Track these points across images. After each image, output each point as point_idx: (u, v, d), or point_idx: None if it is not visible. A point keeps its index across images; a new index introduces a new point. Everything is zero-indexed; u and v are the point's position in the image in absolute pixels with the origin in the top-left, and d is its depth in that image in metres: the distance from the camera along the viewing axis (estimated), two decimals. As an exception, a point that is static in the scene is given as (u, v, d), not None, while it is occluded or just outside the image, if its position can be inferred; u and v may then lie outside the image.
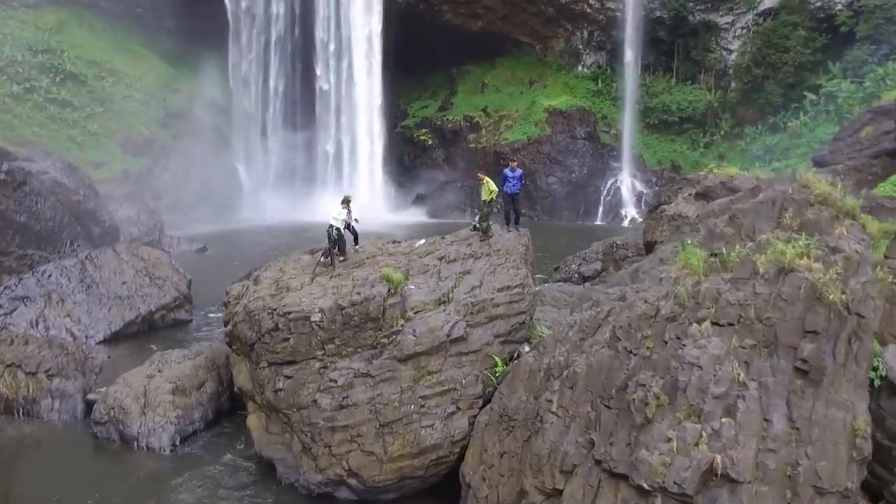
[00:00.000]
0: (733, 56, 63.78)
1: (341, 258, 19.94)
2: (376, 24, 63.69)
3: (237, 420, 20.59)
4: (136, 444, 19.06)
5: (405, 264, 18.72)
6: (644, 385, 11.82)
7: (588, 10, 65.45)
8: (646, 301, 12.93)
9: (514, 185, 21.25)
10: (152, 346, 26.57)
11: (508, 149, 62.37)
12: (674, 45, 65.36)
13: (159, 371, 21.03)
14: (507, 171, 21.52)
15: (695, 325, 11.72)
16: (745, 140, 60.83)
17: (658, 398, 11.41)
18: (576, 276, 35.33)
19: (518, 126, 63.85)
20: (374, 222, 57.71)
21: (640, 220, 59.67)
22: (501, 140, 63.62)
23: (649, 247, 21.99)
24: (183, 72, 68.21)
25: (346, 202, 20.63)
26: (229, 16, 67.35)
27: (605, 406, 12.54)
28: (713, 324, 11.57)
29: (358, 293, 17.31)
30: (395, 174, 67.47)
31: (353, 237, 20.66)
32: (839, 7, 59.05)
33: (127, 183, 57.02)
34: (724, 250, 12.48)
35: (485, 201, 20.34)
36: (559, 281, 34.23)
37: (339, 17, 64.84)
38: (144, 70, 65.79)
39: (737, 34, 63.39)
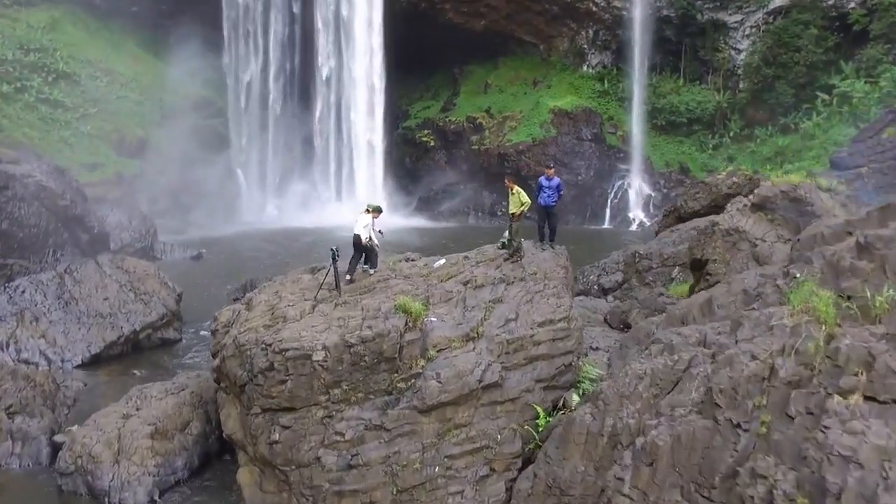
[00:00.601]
0: (742, 56, 60.41)
1: (348, 277, 16.66)
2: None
3: (227, 467, 17.20)
4: (106, 499, 15.68)
5: (424, 290, 15.35)
6: (765, 477, 8.47)
7: (594, 9, 62.00)
8: (753, 356, 9.57)
9: (550, 196, 17.83)
10: (135, 371, 23.23)
11: (513, 150, 59.03)
12: (681, 45, 61.89)
13: (137, 409, 17.63)
14: (542, 179, 18.10)
15: (837, 397, 8.35)
16: (756, 141, 57.52)
17: (793, 501, 8.05)
18: (595, 287, 32.03)
19: (522, 127, 60.36)
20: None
21: (649, 223, 56.43)
22: (505, 141, 60.12)
23: (697, 265, 18.61)
24: (180, 72, 64.53)
25: (376, 211, 17.45)
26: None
27: (704, 497, 9.21)
28: (867, 398, 8.20)
29: (369, 327, 13.95)
30: (397, 176, 63.93)
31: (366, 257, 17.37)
32: (852, 5, 55.73)
33: (121, 186, 53.59)
34: (867, 292, 9.12)
35: (513, 215, 16.90)
36: (578, 294, 30.85)
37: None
38: (140, 70, 62.29)
39: (746, 33, 60.00)
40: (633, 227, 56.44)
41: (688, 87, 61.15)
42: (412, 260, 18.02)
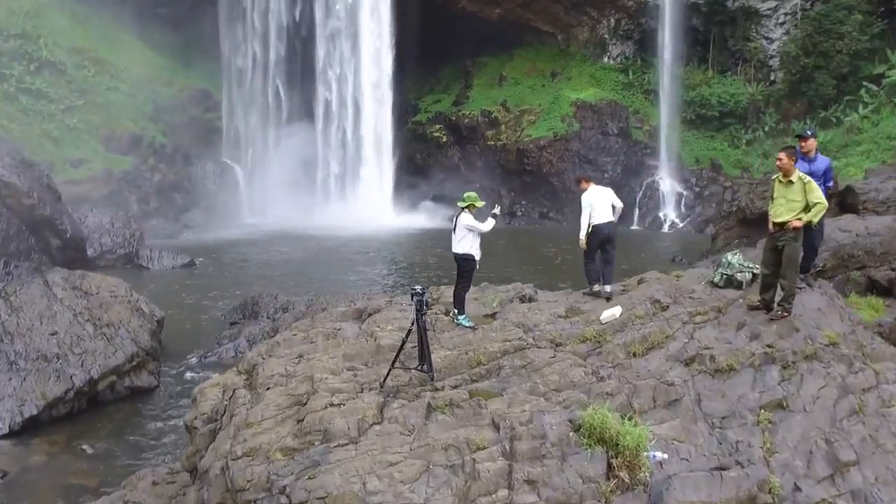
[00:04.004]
0: (774, 45, 52.34)
1: (607, 288, 8.68)
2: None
3: None
4: None
5: (611, 378, 6.98)
6: None
7: (616, -4, 53.74)
8: None
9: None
10: (86, 444, 14.71)
11: (533, 146, 50.75)
12: (709, 34, 53.70)
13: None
14: (801, 159, 9.64)
15: None
16: (793, 136, 49.40)
17: None
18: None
19: (542, 121, 52.00)
20: (384, 228, 46.31)
21: (682, 224, 48.46)
22: (524, 137, 51.79)
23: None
24: (176, 63, 56.07)
25: (470, 206, 9.47)
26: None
27: None
28: None
29: (530, 481, 5.59)
30: (406, 174, 55.33)
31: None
32: (899, -11, 47.79)
33: (109, 184, 45.07)
34: None
35: (780, 225, 8.38)
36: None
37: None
38: (132, 60, 53.49)
39: (780, 21, 51.92)
40: (665, 228, 48.26)
41: (719, 78, 52.96)
42: (531, 300, 9.65)
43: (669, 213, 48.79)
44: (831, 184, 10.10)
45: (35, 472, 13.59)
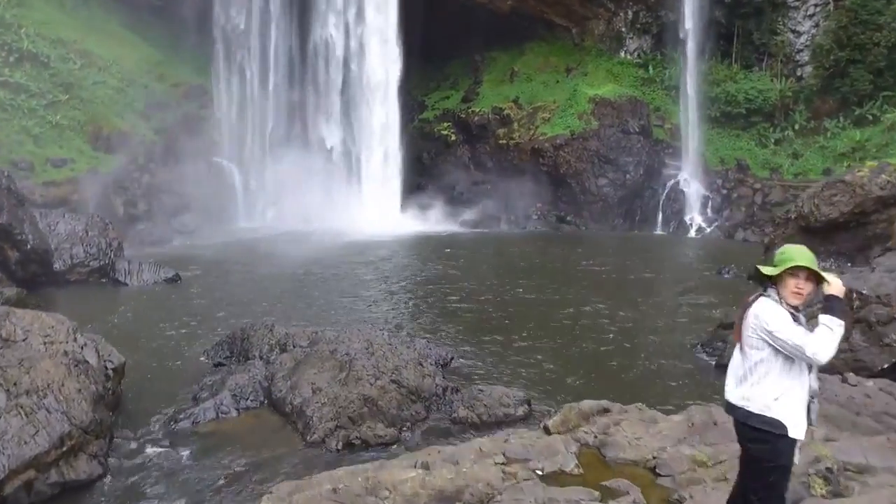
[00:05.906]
0: (802, 39, 46.66)
1: None
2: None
3: None
4: None
5: None
6: None
7: (634, -12, 48.03)
8: None
9: None
10: None
11: (549, 145, 44.99)
12: (733, 28, 47.96)
13: None
14: None
15: None
16: (825, 135, 43.88)
17: None
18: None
19: (557, 119, 46.14)
20: (390, 233, 40.67)
21: (709, 229, 42.84)
22: (538, 135, 45.94)
23: None
24: (170, 57, 50.10)
25: (815, 278, 4.11)
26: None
27: None
28: None
29: None
30: (413, 174, 49.47)
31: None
32: (942, -23, 42.19)
33: (94, 185, 39.08)
34: None
35: None
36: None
37: None
38: (122, 53, 47.56)
39: (808, 13, 46.21)
40: (692, 233, 42.61)
41: (744, 73, 47.24)
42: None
43: (696, 217, 43.12)
44: None
45: None
